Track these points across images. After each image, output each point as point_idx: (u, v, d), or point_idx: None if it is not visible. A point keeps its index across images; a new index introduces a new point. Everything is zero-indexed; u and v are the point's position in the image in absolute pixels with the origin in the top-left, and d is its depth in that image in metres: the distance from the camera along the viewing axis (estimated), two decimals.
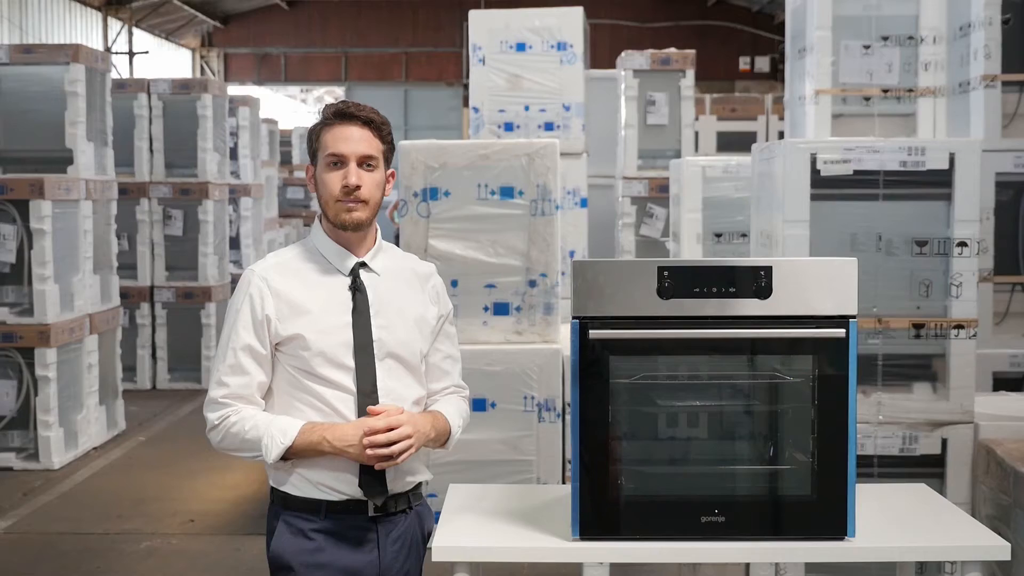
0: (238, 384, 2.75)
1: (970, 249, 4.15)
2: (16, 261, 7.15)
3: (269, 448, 2.70)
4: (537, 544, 2.84)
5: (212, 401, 2.77)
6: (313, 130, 2.83)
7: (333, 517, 2.76)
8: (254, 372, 2.75)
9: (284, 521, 2.78)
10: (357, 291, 2.79)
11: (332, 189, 2.76)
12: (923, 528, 2.95)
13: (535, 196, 5.19)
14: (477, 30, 7.21)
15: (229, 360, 2.75)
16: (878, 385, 4.23)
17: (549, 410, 5.15)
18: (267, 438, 2.70)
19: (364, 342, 2.76)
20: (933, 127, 5.35)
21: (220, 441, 2.77)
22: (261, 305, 2.75)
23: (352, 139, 2.75)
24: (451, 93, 23.46)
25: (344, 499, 2.76)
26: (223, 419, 2.74)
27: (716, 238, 6.74)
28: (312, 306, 2.76)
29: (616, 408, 2.84)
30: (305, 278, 2.80)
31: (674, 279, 2.79)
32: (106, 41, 19.74)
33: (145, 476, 7.18)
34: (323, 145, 2.78)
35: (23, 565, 5.57)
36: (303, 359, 2.74)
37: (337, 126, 2.77)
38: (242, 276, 2.83)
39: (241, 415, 2.74)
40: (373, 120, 2.78)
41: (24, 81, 7.86)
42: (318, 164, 2.80)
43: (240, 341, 2.75)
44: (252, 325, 2.75)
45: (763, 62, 22.54)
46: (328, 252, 2.82)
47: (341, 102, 2.82)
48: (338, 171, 2.76)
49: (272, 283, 2.77)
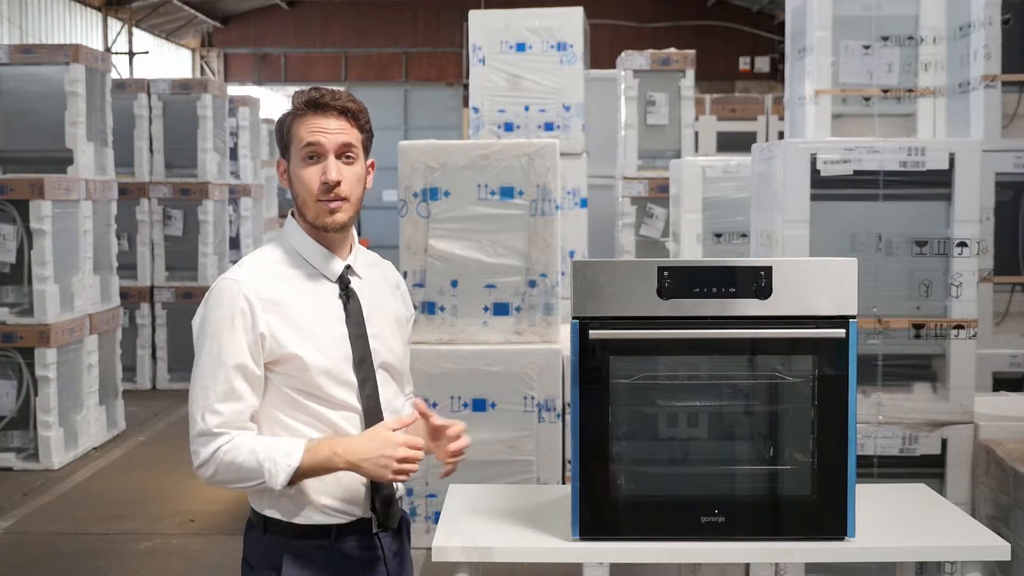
0: (232, 411, 2.47)
1: (970, 249, 4.15)
2: (16, 261, 7.15)
3: (274, 473, 2.43)
4: (537, 544, 2.83)
5: (204, 433, 2.48)
6: (283, 121, 2.56)
7: (341, 539, 2.57)
8: (248, 397, 2.49)
9: (292, 554, 2.55)
10: (349, 299, 2.58)
11: (310, 186, 2.51)
12: (923, 528, 2.95)
13: (535, 196, 5.19)
14: (477, 30, 7.21)
15: (222, 385, 2.47)
16: (878, 385, 4.23)
17: (549, 410, 5.15)
18: (269, 463, 2.43)
19: (363, 354, 2.56)
20: (933, 127, 5.35)
21: (212, 476, 2.49)
22: (253, 321, 2.47)
23: (329, 130, 2.50)
24: (451, 93, 23.44)
25: (352, 520, 2.58)
26: (215, 453, 2.47)
27: (716, 238, 6.74)
28: (306, 319, 2.52)
29: (616, 408, 2.84)
30: (292, 286, 2.54)
31: (674, 279, 2.78)
32: (106, 41, 19.73)
33: (145, 476, 7.18)
34: (297, 137, 2.52)
35: (23, 565, 5.57)
36: (303, 379, 2.50)
37: (311, 117, 2.51)
38: (220, 286, 2.51)
39: (234, 443, 2.46)
40: (350, 109, 2.53)
41: (24, 81, 7.86)
42: (292, 158, 2.55)
43: (232, 362, 2.47)
44: (246, 343, 2.47)
45: (763, 62, 22.53)
46: (311, 256, 2.58)
47: (313, 89, 2.55)
48: (316, 165, 2.51)
49: (261, 294, 2.49)
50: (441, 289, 5.21)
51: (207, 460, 2.49)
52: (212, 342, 2.50)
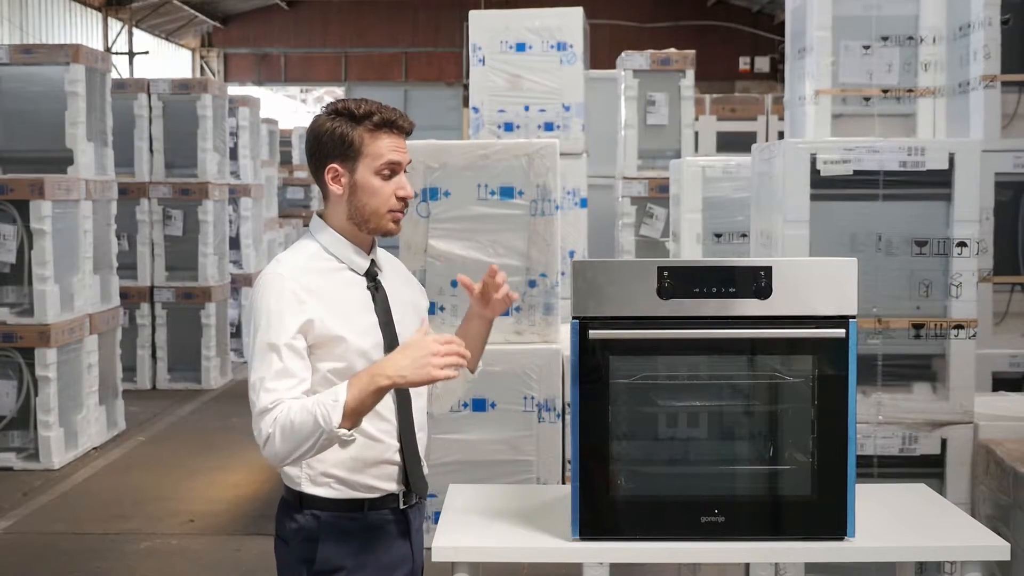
0: (286, 387, 2.58)
1: (970, 249, 4.15)
2: (16, 261, 7.15)
3: (326, 416, 2.50)
4: (537, 544, 2.84)
5: (263, 412, 2.57)
6: (349, 132, 2.71)
7: (374, 512, 2.73)
8: (300, 373, 2.61)
9: (327, 524, 2.69)
10: (377, 291, 2.77)
11: (386, 198, 2.72)
12: (923, 528, 2.95)
13: (535, 196, 5.19)
14: (477, 30, 7.21)
15: (274, 365, 2.59)
16: (878, 385, 4.23)
17: (549, 410, 5.15)
18: (319, 408, 2.51)
19: (392, 341, 2.73)
20: (933, 127, 5.35)
21: (279, 448, 2.55)
22: (301, 308, 2.63)
23: (402, 149, 2.73)
24: (451, 93, 23.45)
25: (384, 494, 2.74)
26: (273, 424, 2.55)
27: (716, 238, 6.74)
28: (345, 307, 2.71)
29: (616, 408, 2.84)
30: (330, 279, 2.73)
31: (674, 279, 2.79)
32: (106, 41, 19.74)
33: (145, 476, 7.18)
34: (373, 153, 2.70)
35: (23, 565, 5.57)
36: (344, 360, 2.65)
37: (386, 135, 2.71)
38: (267, 278, 2.68)
39: (285, 406, 2.56)
40: (411, 131, 2.78)
41: (24, 81, 7.87)
42: (361, 169, 2.71)
43: (283, 341, 2.60)
44: (294, 328, 2.62)
45: (763, 62, 22.54)
46: (341, 252, 2.76)
47: (379, 107, 2.73)
48: (391, 180, 2.72)
49: (306, 285, 2.67)
50: (441, 289, 5.22)
51: (270, 434, 2.56)
52: (261, 331, 2.63)
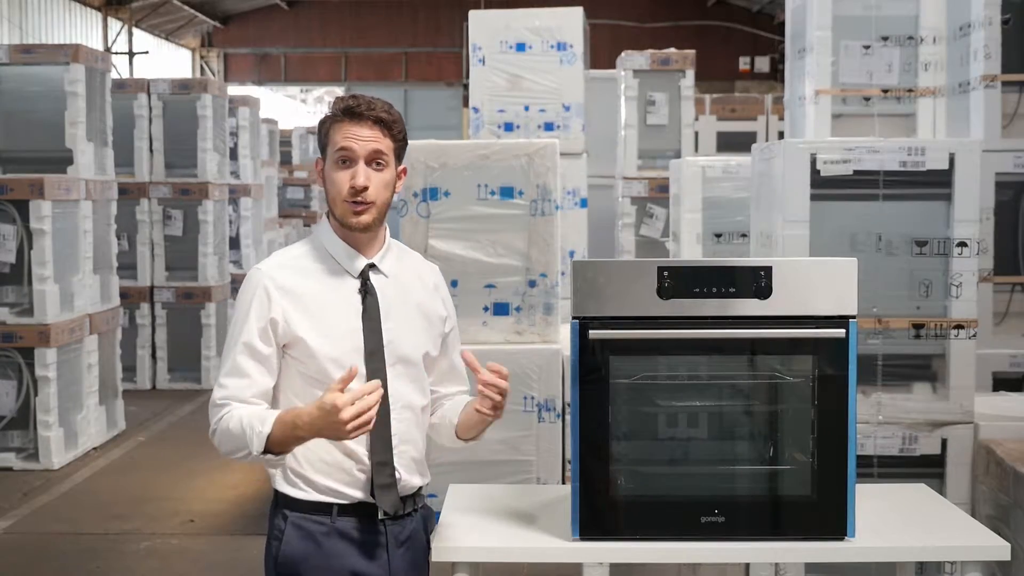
0: (236, 386, 2.63)
1: (970, 249, 4.15)
2: (16, 261, 7.15)
3: (251, 439, 2.54)
4: (537, 544, 2.84)
5: (212, 405, 2.66)
6: (323, 123, 2.73)
7: (343, 519, 2.69)
8: (254, 375, 2.64)
9: (293, 524, 2.70)
10: (367, 294, 2.71)
11: (340, 188, 2.67)
12: (923, 528, 2.95)
13: (535, 196, 5.19)
14: (477, 30, 7.21)
15: (230, 362, 2.65)
16: (878, 385, 4.22)
17: (549, 410, 5.15)
18: (248, 430, 2.55)
19: (375, 347, 2.68)
20: (933, 127, 5.35)
21: (219, 445, 2.64)
22: (268, 306, 2.65)
23: (361, 137, 2.66)
24: (451, 93, 23.46)
25: (354, 503, 2.70)
26: (218, 422, 2.62)
27: (716, 238, 6.74)
28: (321, 309, 2.67)
29: (616, 408, 2.84)
30: (313, 279, 2.71)
31: (674, 279, 2.79)
32: (106, 41, 19.74)
33: (145, 476, 7.18)
34: (332, 141, 2.69)
35: (23, 565, 5.57)
36: (310, 364, 2.65)
37: (347, 123, 2.67)
38: (248, 275, 2.73)
39: (230, 413, 2.60)
40: (383, 119, 2.68)
41: (24, 81, 7.87)
42: (327, 160, 2.72)
43: (242, 342, 2.64)
44: (257, 326, 2.64)
45: (763, 62, 22.55)
46: (337, 252, 2.74)
47: (351, 97, 2.71)
48: (346, 170, 2.67)
49: (279, 283, 2.67)
50: None
51: (213, 430, 2.65)
52: (233, 324, 2.71)
